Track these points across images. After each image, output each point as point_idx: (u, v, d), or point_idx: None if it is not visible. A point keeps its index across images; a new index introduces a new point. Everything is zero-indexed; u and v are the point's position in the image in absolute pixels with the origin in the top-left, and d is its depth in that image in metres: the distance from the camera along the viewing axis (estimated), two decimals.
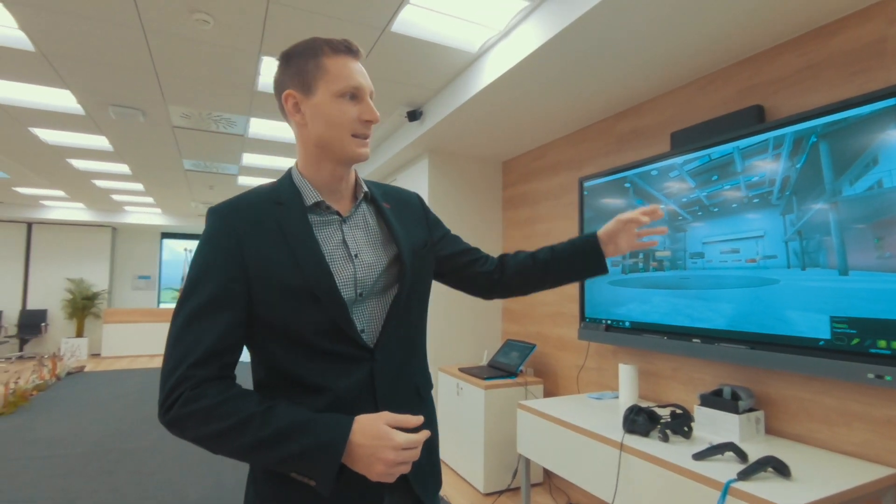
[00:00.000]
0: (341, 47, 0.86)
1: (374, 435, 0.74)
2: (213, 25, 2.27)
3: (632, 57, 2.13)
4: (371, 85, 0.89)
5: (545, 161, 3.42)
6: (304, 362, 0.81)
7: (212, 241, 0.81)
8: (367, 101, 0.86)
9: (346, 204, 0.92)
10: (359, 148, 0.86)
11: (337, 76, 0.84)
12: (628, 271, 2.48)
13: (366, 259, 0.88)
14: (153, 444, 3.64)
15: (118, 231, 9.40)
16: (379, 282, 0.89)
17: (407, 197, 1.06)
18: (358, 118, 0.85)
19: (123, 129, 3.85)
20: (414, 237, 0.97)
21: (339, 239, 0.87)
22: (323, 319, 0.81)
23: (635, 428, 1.89)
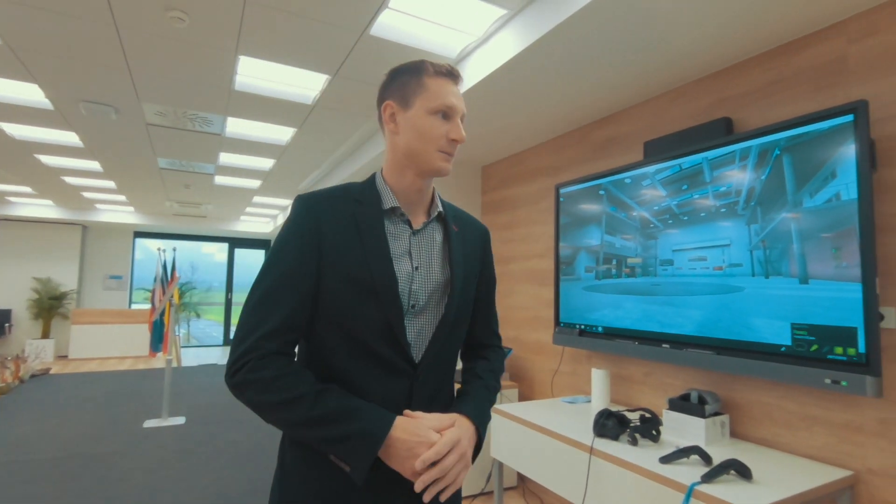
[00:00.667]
0: (443, 70, 0.92)
1: (413, 432, 0.79)
2: (189, 23, 2.23)
3: (607, 67, 2.18)
4: (464, 108, 0.93)
5: (524, 167, 3.45)
6: (351, 360, 0.85)
7: (293, 226, 0.87)
8: (456, 122, 0.91)
9: (420, 217, 0.96)
10: (442, 162, 0.90)
11: (434, 95, 0.89)
12: (602, 277, 2.52)
13: (424, 273, 0.92)
14: (122, 448, 3.54)
15: (89, 229, 9.14)
16: (431, 298, 0.92)
17: (476, 227, 1.08)
18: (446, 135, 0.89)
19: (95, 125, 3.75)
20: (469, 265, 1.00)
21: (405, 248, 0.91)
22: (378, 319, 0.84)
23: (605, 432, 1.92)
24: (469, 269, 1.00)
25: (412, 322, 0.89)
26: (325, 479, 0.83)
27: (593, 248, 2.59)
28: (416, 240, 0.93)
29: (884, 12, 1.63)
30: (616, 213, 2.46)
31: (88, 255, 9.15)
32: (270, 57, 2.58)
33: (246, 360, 0.78)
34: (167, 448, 3.57)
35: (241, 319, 0.83)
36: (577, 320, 2.65)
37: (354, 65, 2.62)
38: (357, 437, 0.77)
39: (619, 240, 2.44)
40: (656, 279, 2.22)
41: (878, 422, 1.59)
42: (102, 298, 9.20)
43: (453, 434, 0.82)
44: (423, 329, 0.90)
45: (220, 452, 3.50)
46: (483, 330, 1.09)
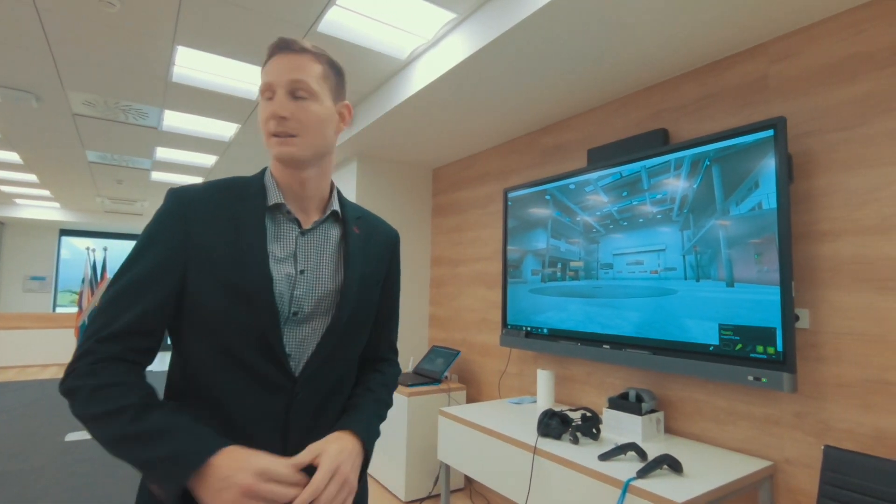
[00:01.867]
0: (273, 48, 0.83)
1: (242, 459, 0.68)
2: (119, 9, 2.09)
3: (553, 76, 2.23)
4: (291, 78, 0.80)
5: (473, 170, 3.49)
6: (220, 373, 0.76)
7: (160, 221, 0.78)
8: (278, 96, 0.80)
9: (312, 216, 0.88)
10: (277, 147, 0.80)
11: (262, 77, 0.83)
12: (547, 280, 2.58)
13: (311, 278, 0.84)
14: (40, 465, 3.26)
15: (6, 226, 8.39)
16: (319, 306, 0.84)
17: (383, 230, 1.00)
18: (269, 116, 0.80)
19: (12, 113, 3.45)
20: (369, 270, 0.92)
21: (290, 249, 0.83)
22: (251, 327, 0.77)
23: (548, 431, 1.96)
24: (368, 275, 0.92)
25: (294, 331, 0.81)
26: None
27: (540, 251, 2.65)
28: (303, 241, 0.85)
29: (801, 36, 1.77)
30: (561, 217, 2.52)
31: (6, 254, 8.39)
32: (211, 49, 2.46)
33: (78, 365, 0.69)
34: (93, 462, 3.32)
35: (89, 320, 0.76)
36: (523, 322, 2.70)
37: None
38: (169, 461, 0.66)
39: (563, 243, 2.50)
40: (598, 282, 2.29)
41: (794, 415, 1.71)
42: (22, 301, 8.47)
43: (330, 462, 0.73)
44: (307, 339, 0.82)
45: None
46: (379, 342, 1.01)
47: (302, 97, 0.81)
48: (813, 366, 1.68)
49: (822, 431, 1.64)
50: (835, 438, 1.61)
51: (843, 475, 1.45)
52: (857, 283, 1.59)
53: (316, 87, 0.82)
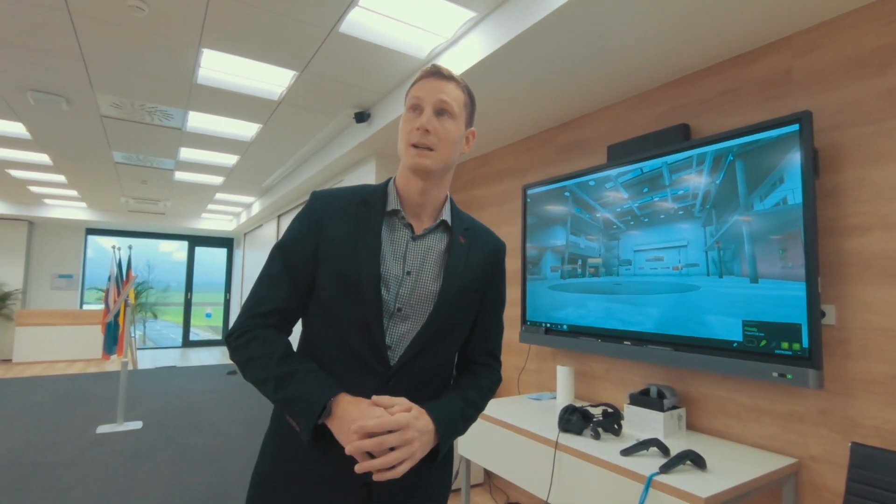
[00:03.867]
0: (426, 71, 0.93)
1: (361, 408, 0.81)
2: (149, 14, 2.16)
3: (572, 73, 2.24)
4: (439, 98, 0.90)
5: (490, 168, 3.50)
6: (330, 350, 0.89)
7: (303, 217, 0.94)
8: (426, 112, 0.89)
9: (424, 224, 0.96)
10: (414, 158, 0.89)
11: (409, 95, 0.93)
12: (567, 276, 2.58)
13: (416, 279, 0.92)
14: (72, 457, 3.38)
15: (36, 225, 8.65)
16: (420, 306, 0.91)
17: (490, 241, 1.04)
18: (413, 127, 0.89)
19: (44, 116, 3.56)
20: (469, 278, 0.96)
21: (400, 252, 0.92)
22: (359, 313, 0.87)
23: (570, 427, 1.97)
24: (468, 283, 0.96)
25: (397, 326, 0.90)
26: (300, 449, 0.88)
27: (559, 248, 2.65)
28: (413, 245, 0.94)
29: (826, 28, 1.74)
30: (581, 214, 2.52)
31: (35, 253, 8.65)
32: (235, 51, 2.52)
33: (241, 332, 0.88)
34: (123, 454, 3.43)
35: (251, 291, 0.93)
36: (542, 319, 2.71)
37: (323, 61, 2.59)
38: (303, 400, 0.81)
39: (583, 240, 2.51)
40: (618, 279, 2.29)
41: (819, 412, 1.70)
42: (51, 299, 8.72)
43: (403, 417, 0.79)
44: (406, 334, 0.90)
45: (178, 457, 3.39)
46: (477, 346, 1.06)
47: (445, 117, 0.90)
48: (839, 362, 1.66)
49: (848, 428, 1.63)
50: (861, 435, 1.59)
51: (871, 472, 1.44)
52: (885, 278, 1.57)
53: (457, 110, 0.92)
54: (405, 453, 0.78)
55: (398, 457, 0.77)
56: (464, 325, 1.00)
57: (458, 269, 0.95)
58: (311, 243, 0.91)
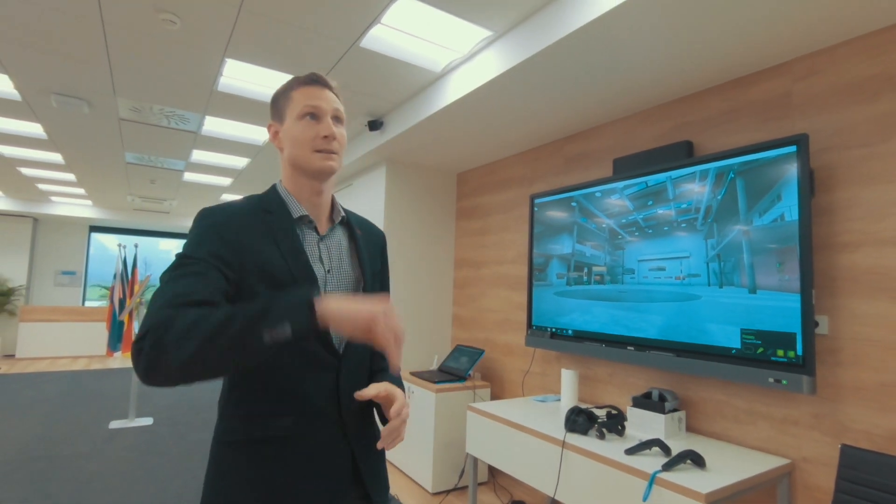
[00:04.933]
0: (307, 79, 0.99)
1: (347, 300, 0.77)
2: (180, 26, 2.25)
3: (581, 90, 2.35)
4: (335, 107, 0.98)
5: (498, 176, 3.61)
6: (283, 357, 0.89)
7: (209, 231, 0.86)
8: (325, 120, 0.95)
9: (324, 224, 1.03)
10: (322, 161, 0.95)
11: (298, 102, 0.96)
12: (572, 283, 2.69)
13: (336, 275, 1.00)
14: (89, 450, 3.46)
15: (40, 222, 8.71)
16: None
17: (375, 231, 1.17)
18: (317, 134, 0.95)
19: (64, 118, 3.65)
20: (374, 265, 1.10)
21: (316, 253, 0.98)
22: None
23: (576, 427, 2.08)
24: (376, 268, 1.10)
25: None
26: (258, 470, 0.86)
27: (565, 255, 2.76)
28: (324, 245, 1.00)
29: (823, 56, 1.86)
30: (586, 223, 2.63)
31: (39, 250, 8.71)
32: (258, 61, 2.62)
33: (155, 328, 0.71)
34: (136, 449, 3.51)
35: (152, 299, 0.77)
36: (548, 323, 2.81)
37: (341, 73, 2.70)
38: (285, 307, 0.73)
39: (588, 249, 2.61)
40: (623, 286, 2.40)
41: (812, 416, 1.81)
42: (54, 295, 8.77)
43: (402, 397, 0.92)
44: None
45: (191, 452, 3.47)
46: None
47: (339, 124, 0.99)
48: (831, 370, 1.77)
49: (839, 432, 1.74)
50: (851, 439, 1.70)
51: (860, 472, 1.54)
52: (875, 292, 1.68)
53: (345, 116, 1.02)
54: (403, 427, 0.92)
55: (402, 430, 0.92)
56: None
57: (366, 258, 1.06)
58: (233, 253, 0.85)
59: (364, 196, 4.11)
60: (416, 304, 3.81)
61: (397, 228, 3.74)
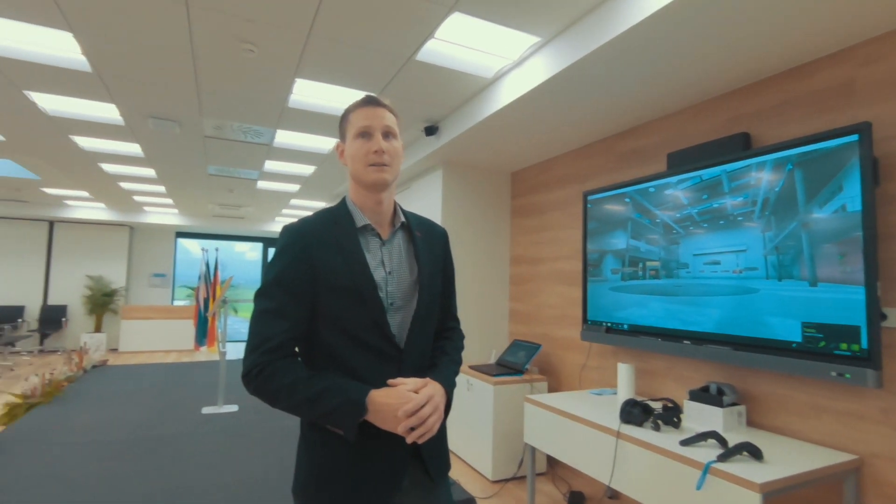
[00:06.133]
0: (362, 101, 1.11)
1: (394, 396, 0.97)
2: (258, 53, 2.53)
3: (633, 87, 2.38)
4: (385, 124, 1.08)
5: (551, 174, 3.67)
6: (350, 350, 1.04)
7: (287, 251, 1.04)
8: (375, 137, 1.07)
9: (386, 229, 1.15)
10: (374, 174, 1.07)
11: (353, 123, 1.09)
12: (627, 278, 2.72)
13: (396, 276, 1.11)
14: (188, 431, 3.92)
15: (135, 230, 9.70)
16: (405, 297, 1.10)
17: (436, 230, 1.26)
18: (368, 151, 1.07)
19: (158, 137, 4.12)
20: (433, 264, 1.19)
21: (379, 258, 1.10)
22: (366, 317, 1.04)
23: (631, 419, 2.13)
24: (434, 268, 1.17)
25: (394, 317, 1.07)
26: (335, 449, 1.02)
27: (619, 251, 2.79)
28: (385, 249, 1.11)
29: (889, 40, 1.80)
30: (641, 219, 2.65)
31: (135, 255, 9.71)
32: (324, 79, 2.86)
33: (258, 372, 0.97)
34: (226, 432, 3.92)
35: (251, 331, 1.01)
36: (603, 318, 2.86)
37: (398, 84, 2.88)
38: (344, 406, 0.95)
39: (643, 244, 2.64)
40: (678, 281, 2.41)
41: (880, 411, 1.76)
42: (148, 295, 9.75)
43: (428, 391, 1.01)
44: (403, 321, 1.09)
45: (272, 436, 3.83)
46: (446, 315, 1.26)
47: (391, 137, 1.10)
48: None
49: None
50: None
51: None
52: None
53: (397, 130, 1.12)
54: (438, 416, 1.01)
55: (434, 419, 1.00)
56: (437, 304, 1.20)
57: (425, 258, 1.15)
58: (306, 270, 1.02)
59: (422, 198, 4.31)
60: (473, 300, 3.95)
61: (454, 227, 3.90)
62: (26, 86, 3.06)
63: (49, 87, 3.09)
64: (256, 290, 1.03)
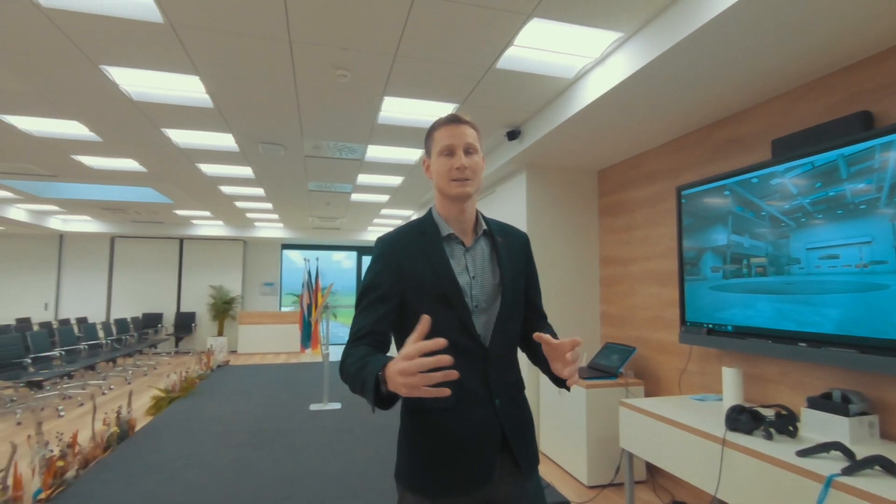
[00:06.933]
0: (445, 120, 1.19)
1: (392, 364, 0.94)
2: (350, 78, 2.75)
3: (730, 73, 2.24)
4: (467, 141, 1.16)
5: (641, 170, 3.53)
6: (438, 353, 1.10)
7: (379, 259, 1.17)
8: (457, 154, 1.15)
9: (469, 237, 1.22)
10: (456, 189, 1.15)
11: (438, 142, 1.18)
12: (730, 276, 2.55)
13: (480, 280, 1.18)
14: (298, 425, 4.31)
15: (248, 244, 10.78)
16: (489, 299, 1.17)
17: (517, 234, 1.32)
18: (451, 167, 1.16)
19: (266, 160, 4.59)
20: (515, 267, 1.24)
21: (463, 264, 1.18)
22: (454, 319, 1.13)
23: (738, 426, 2.00)
24: (515, 271, 1.23)
25: (478, 319, 1.14)
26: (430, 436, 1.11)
27: (720, 247, 2.62)
28: (469, 255, 1.19)
29: None
30: (743, 212, 2.47)
31: (248, 266, 10.79)
32: (409, 95, 3.02)
33: (342, 359, 1.09)
34: (331, 427, 4.26)
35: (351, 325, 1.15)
36: (704, 319, 2.70)
37: (480, 93, 2.97)
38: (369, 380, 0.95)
39: (747, 239, 2.45)
40: (790, 278, 2.22)
41: None
42: (259, 302, 10.79)
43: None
44: (487, 324, 1.15)
45: (373, 433, 4.08)
46: (533, 313, 1.31)
47: (472, 153, 1.17)
48: None
49: None
50: None
51: None
52: None
53: (478, 145, 1.20)
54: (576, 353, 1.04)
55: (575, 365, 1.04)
56: (521, 305, 1.25)
57: (507, 262, 1.21)
58: (395, 276, 1.13)
59: (507, 202, 4.35)
60: (562, 303, 3.91)
61: (540, 230, 3.89)
62: (164, 124, 3.58)
63: (180, 124, 3.59)
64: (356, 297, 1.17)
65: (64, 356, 5.90)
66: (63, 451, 3.11)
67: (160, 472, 3.23)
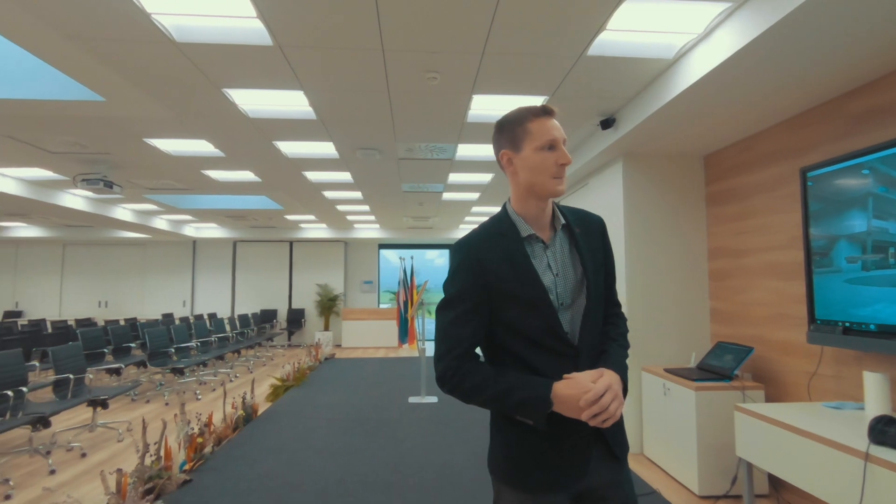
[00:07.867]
0: (541, 111, 1.12)
1: (574, 387, 1.03)
2: (440, 80, 2.82)
3: (871, 28, 1.92)
4: (563, 134, 1.11)
5: (755, 152, 3.19)
6: (529, 353, 1.12)
7: (463, 267, 1.13)
8: (561, 149, 1.10)
9: (547, 232, 1.18)
10: (557, 186, 1.11)
11: (538, 135, 1.10)
12: (871, 268, 2.22)
13: (563, 277, 1.14)
14: (399, 417, 4.53)
15: (349, 244, 11.49)
16: (574, 295, 1.13)
17: (592, 219, 1.26)
18: (556, 162, 1.10)
19: (363, 165, 4.86)
20: (595, 257, 1.19)
21: (545, 263, 1.14)
22: (540, 322, 1.10)
23: (885, 439, 1.74)
24: (596, 261, 1.18)
25: (564, 316, 1.11)
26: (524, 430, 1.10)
27: (857, 235, 2.29)
28: (550, 253, 1.15)
29: None
30: (887, 193, 2.14)
31: (350, 265, 11.50)
32: (498, 91, 3.03)
33: (451, 374, 1.08)
34: (429, 420, 4.41)
35: (439, 340, 1.12)
36: (838, 317, 2.38)
37: (570, 83, 2.88)
38: (531, 401, 1.03)
39: (893, 224, 2.12)
40: None
41: None
42: (360, 299, 11.45)
43: (605, 380, 1.03)
44: (574, 319, 1.12)
45: (469, 426, 4.16)
46: (609, 302, 1.25)
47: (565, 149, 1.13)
48: None
49: None
50: None
51: None
52: None
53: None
54: (619, 402, 1.04)
55: (616, 405, 1.02)
56: (604, 298, 1.20)
57: (587, 253, 1.16)
58: (482, 283, 1.10)
59: (602, 194, 4.17)
60: (665, 299, 3.67)
61: (639, 222, 3.68)
62: (274, 137, 3.94)
63: (288, 136, 3.92)
64: (439, 303, 1.14)
65: (199, 347, 6.75)
66: (202, 430, 3.57)
67: (280, 453, 3.58)
